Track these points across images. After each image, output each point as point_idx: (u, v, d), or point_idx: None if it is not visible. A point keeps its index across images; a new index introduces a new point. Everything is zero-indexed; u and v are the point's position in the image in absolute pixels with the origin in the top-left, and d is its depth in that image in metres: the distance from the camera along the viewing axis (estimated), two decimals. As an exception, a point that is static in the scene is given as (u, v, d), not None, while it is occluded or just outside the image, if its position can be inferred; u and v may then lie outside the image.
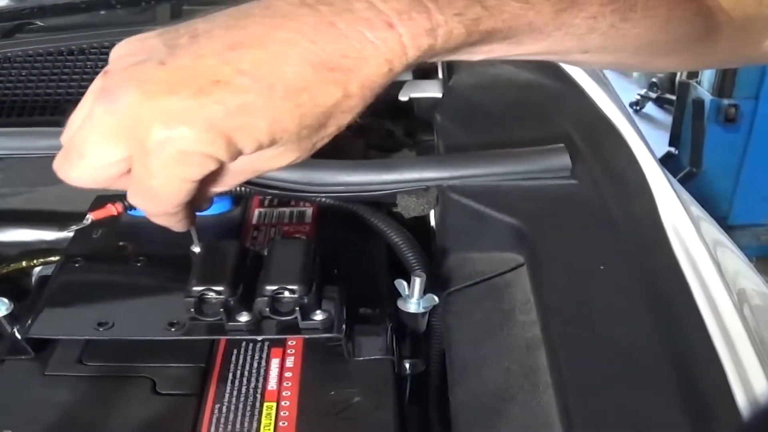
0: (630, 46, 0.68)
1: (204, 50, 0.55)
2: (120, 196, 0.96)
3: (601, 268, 0.80)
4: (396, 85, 1.28)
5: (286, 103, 0.55)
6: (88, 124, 0.57)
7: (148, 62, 0.55)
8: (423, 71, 1.28)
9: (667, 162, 3.52)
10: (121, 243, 0.95)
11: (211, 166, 0.57)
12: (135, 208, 0.95)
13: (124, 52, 0.58)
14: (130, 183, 0.60)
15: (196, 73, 0.54)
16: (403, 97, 1.24)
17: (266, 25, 0.56)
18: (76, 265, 0.90)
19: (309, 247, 0.82)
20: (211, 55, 0.54)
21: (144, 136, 0.55)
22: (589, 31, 0.63)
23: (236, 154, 0.57)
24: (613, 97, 1.14)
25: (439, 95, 1.20)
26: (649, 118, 4.87)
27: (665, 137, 3.72)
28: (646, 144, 1.03)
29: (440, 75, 1.26)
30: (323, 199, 0.97)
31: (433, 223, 0.99)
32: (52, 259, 1.03)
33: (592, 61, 0.72)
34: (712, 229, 1.06)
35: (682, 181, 3.28)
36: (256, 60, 0.54)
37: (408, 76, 1.27)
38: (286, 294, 0.76)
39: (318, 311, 0.77)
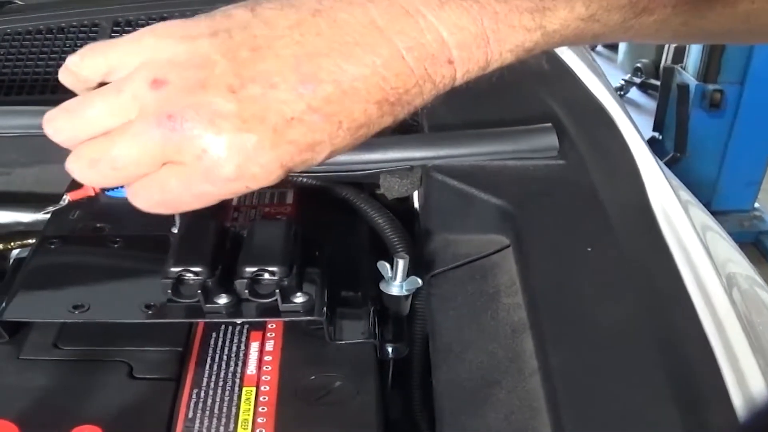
0: (705, 35, 0.68)
1: (275, 77, 0.53)
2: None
3: (588, 250, 0.79)
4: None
5: (347, 137, 0.56)
6: (136, 141, 0.55)
7: (216, 87, 0.53)
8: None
9: (651, 147, 3.50)
10: (98, 224, 0.93)
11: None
12: (113, 189, 0.94)
13: (175, 57, 0.55)
14: (147, 184, 0.58)
15: (270, 108, 0.53)
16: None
17: (338, 54, 0.54)
18: (52, 246, 0.88)
19: (290, 229, 0.80)
20: (282, 87, 0.53)
21: (208, 169, 0.54)
22: (658, 31, 0.63)
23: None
24: (601, 79, 1.13)
25: None
26: (633, 104, 4.87)
27: (649, 122, 3.71)
28: (634, 126, 1.01)
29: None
30: (304, 179, 0.95)
31: (417, 204, 0.97)
32: (30, 241, 1.01)
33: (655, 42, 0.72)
34: (700, 214, 1.05)
35: (666, 167, 3.28)
36: (328, 96, 0.54)
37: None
38: (266, 276, 0.75)
39: (299, 294, 0.75)
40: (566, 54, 1.11)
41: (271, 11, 0.56)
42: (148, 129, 0.54)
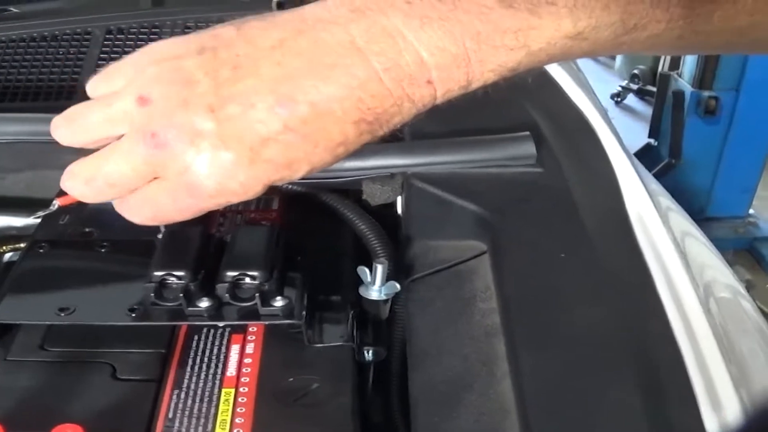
0: (703, 48, 0.67)
1: (253, 97, 0.55)
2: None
3: (562, 256, 0.80)
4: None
5: (325, 155, 0.58)
6: (125, 158, 0.58)
7: (196, 106, 0.55)
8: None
9: (646, 153, 3.52)
10: (87, 229, 0.94)
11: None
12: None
13: (160, 74, 0.58)
14: (138, 200, 0.62)
15: (247, 128, 0.55)
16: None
17: (316, 75, 0.56)
18: (41, 250, 0.89)
19: (272, 234, 0.82)
20: (260, 107, 0.55)
21: (190, 185, 0.57)
22: (654, 45, 0.62)
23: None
24: (582, 86, 1.14)
25: None
26: (630, 110, 4.88)
27: (646, 129, 3.72)
28: (614, 133, 1.03)
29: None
30: (289, 186, 0.97)
31: (400, 210, 0.99)
32: (21, 245, 1.03)
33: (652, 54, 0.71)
34: (681, 220, 1.06)
35: (661, 173, 3.29)
36: (304, 117, 0.55)
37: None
38: (247, 280, 0.76)
39: (278, 297, 0.76)
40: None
41: (256, 30, 0.58)
42: (135, 147, 0.57)
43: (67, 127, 0.62)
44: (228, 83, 0.56)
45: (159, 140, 0.56)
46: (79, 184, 0.61)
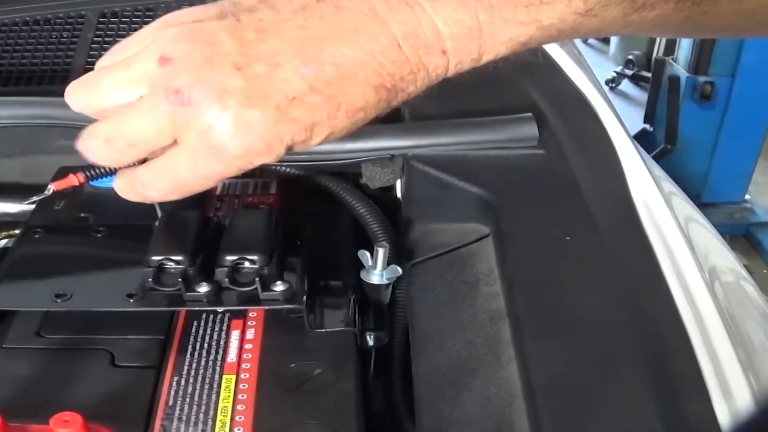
0: (710, 30, 0.67)
1: (278, 57, 0.55)
2: (82, 167, 0.94)
3: (567, 239, 0.79)
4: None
5: (345, 119, 0.58)
6: (146, 117, 0.57)
7: (222, 64, 0.55)
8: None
9: (641, 139, 3.52)
10: (82, 214, 0.93)
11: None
12: (97, 178, 0.94)
13: (181, 34, 0.57)
14: (156, 171, 0.60)
15: (273, 86, 0.55)
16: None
17: (340, 39, 0.56)
18: (36, 236, 0.88)
19: (270, 218, 0.81)
20: (286, 67, 0.55)
21: (213, 145, 0.56)
22: (661, 25, 0.63)
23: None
24: (584, 69, 1.13)
25: None
26: (624, 96, 4.87)
27: (641, 114, 3.71)
28: (616, 116, 1.02)
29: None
30: (287, 169, 0.96)
31: (399, 194, 0.98)
32: (16, 231, 1.02)
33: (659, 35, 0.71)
34: (684, 205, 1.06)
35: (657, 158, 3.28)
36: (329, 78, 0.55)
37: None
38: (246, 264, 0.75)
39: (279, 282, 0.75)
40: (550, 45, 1.11)
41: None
42: (157, 104, 0.56)
43: (81, 90, 0.61)
44: (252, 44, 0.55)
45: (183, 97, 0.54)
46: (99, 144, 0.59)
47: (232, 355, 0.75)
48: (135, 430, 0.69)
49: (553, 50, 1.12)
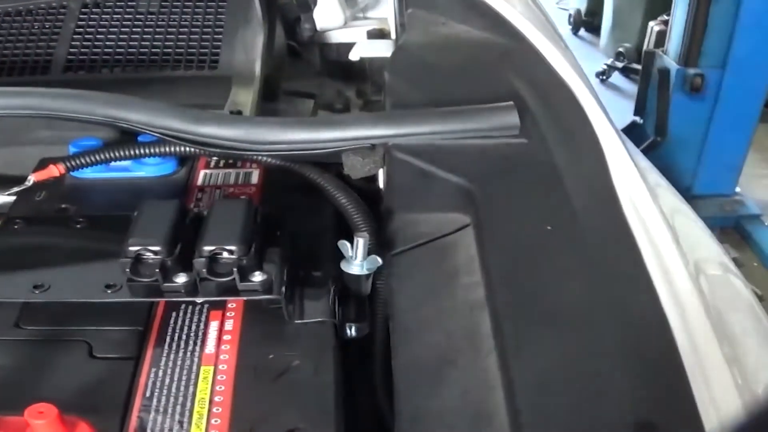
0: None
1: None
2: (63, 158, 0.94)
3: (548, 228, 0.79)
4: (348, 47, 1.27)
5: None
6: None
7: None
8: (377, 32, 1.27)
9: (632, 131, 3.52)
10: (63, 205, 0.93)
11: None
12: (78, 169, 0.94)
13: None
14: None
15: None
16: (353, 57, 1.23)
17: None
18: (16, 227, 0.88)
19: (249, 208, 0.80)
20: None
21: None
22: None
23: None
24: (568, 58, 1.12)
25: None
26: (615, 88, 4.88)
27: (631, 107, 3.71)
28: (600, 105, 1.01)
29: (392, 35, 1.25)
30: (265, 158, 0.95)
31: (381, 183, 0.97)
32: (-4, 223, 1.02)
33: None
34: (671, 197, 1.05)
35: (647, 151, 3.29)
36: None
37: (361, 37, 1.26)
38: (225, 255, 0.75)
39: (257, 273, 0.75)
40: (533, 33, 1.11)
41: None
42: None
43: None
44: None
45: None
46: None
47: (210, 347, 0.74)
48: (112, 422, 0.68)
49: (535, 37, 1.12)
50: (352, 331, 0.81)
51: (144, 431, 0.67)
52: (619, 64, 4.87)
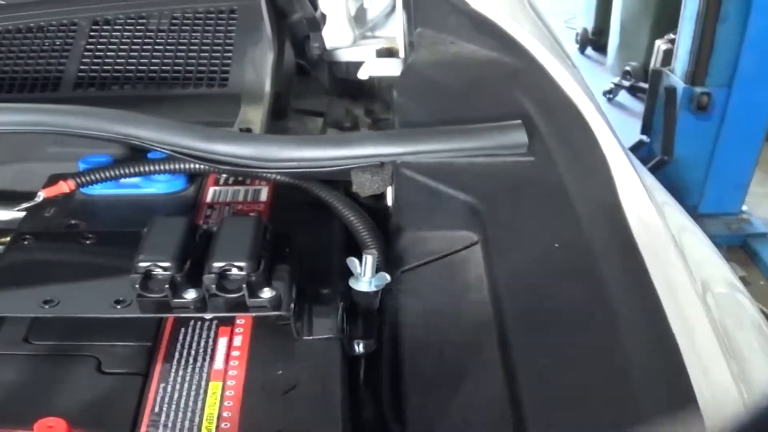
0: None
1: None
2: (73, 174, 0.95)
3: (556, 246, 0.79)
4: (357, 66, 1.28)
5: None
6: None
7: None
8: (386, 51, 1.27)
9: (638, 150, 3.52)
10: (72, 221, 0.93)
11: None
12: (88, 185, 0.95)
13: None
14: None
15: None
16: (362, 76, 1.23)
17: None
18: (26, 243, 0.88)
19: (259, 225, 0.80)
20: None
21: None
22: None
23: None
24: (576, 77, 1.12)
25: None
26: (622, 107, 4.88)
27: (638, 125, 3.71)
28: (608, 124, 1.01)
29: (401, 54, 1.25)
30: (275, 176, 0.96)
31: (390, 202, 0.97)
32: (6, 239, 1.02)
33: None
34: (678, 215, 1.05)
35: (654, 169, 3.29)
36: None
37: (370, 56, 1.26)
38: (234, 271, 0.75)
39: (266, 289, 0.75)
40: (541, 52, 1.11)
41: None
42: None
43: None
44: None
45: None
46: None
47: (219, 362, 0.75)
48: (120, 437, 0.68)
49: (542, 56, 1.12)
50: (360, 348, 0.81)
51: None
52: (626, 83, 4.87)
